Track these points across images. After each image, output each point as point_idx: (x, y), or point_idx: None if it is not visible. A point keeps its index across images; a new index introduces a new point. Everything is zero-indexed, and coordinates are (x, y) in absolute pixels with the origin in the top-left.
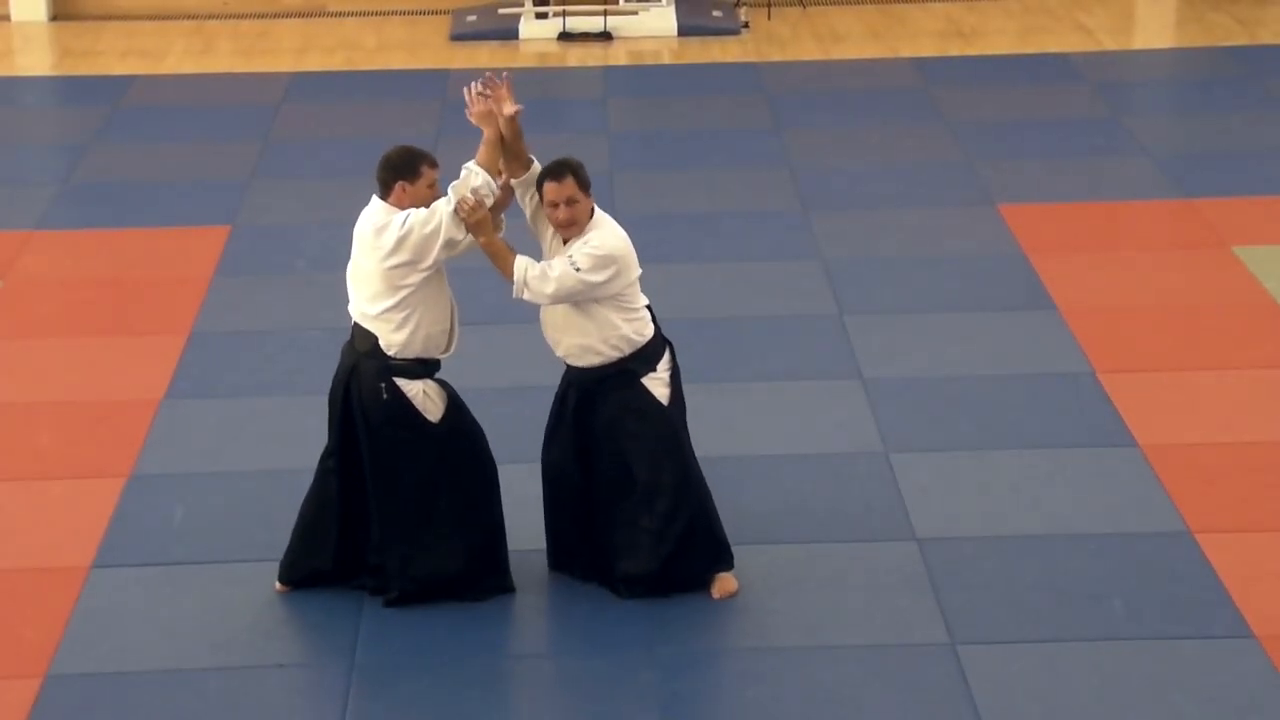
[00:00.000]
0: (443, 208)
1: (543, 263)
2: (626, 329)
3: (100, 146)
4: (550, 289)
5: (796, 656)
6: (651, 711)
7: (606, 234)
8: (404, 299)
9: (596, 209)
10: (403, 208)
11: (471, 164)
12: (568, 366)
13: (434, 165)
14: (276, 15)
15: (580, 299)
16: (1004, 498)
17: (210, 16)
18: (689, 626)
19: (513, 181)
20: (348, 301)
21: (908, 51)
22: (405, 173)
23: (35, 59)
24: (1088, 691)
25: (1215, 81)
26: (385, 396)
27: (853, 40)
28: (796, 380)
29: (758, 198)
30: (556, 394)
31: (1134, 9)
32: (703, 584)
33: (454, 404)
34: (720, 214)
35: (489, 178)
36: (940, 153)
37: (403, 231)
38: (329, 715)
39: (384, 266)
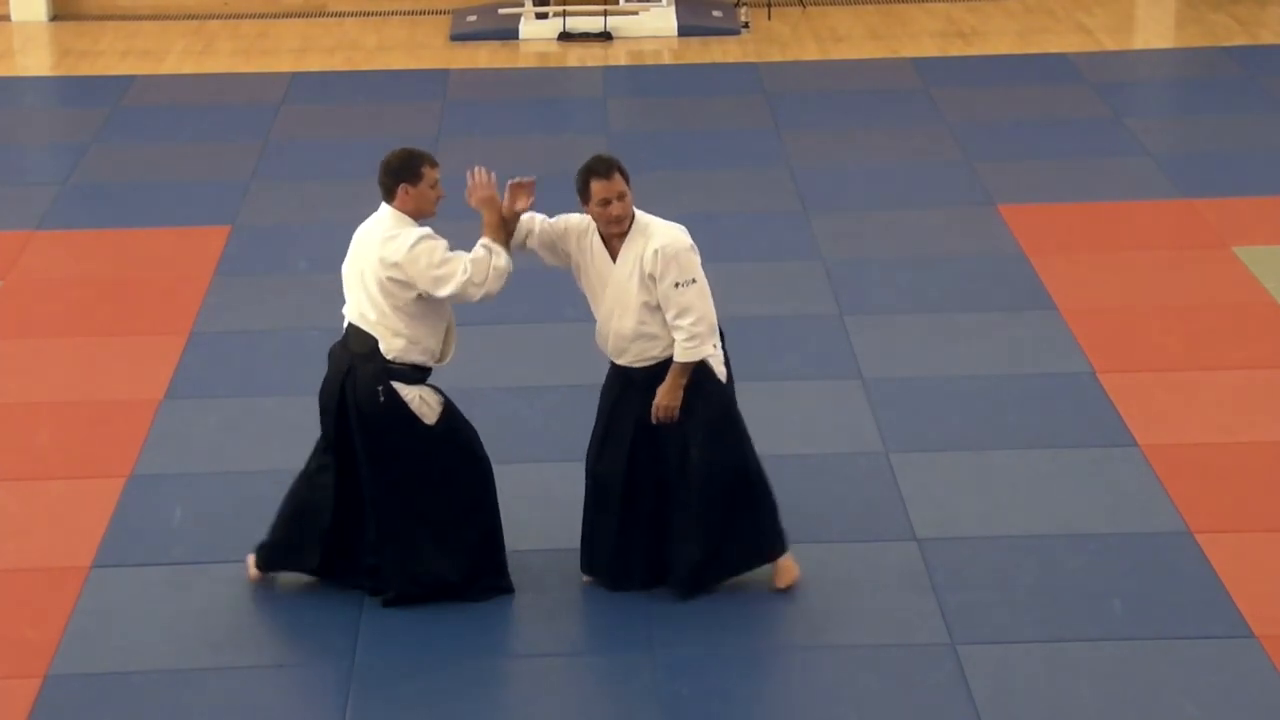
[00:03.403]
0: (460, 276)
1: (676, 316)
2: None
3: (100, 146)
4: (707, 323)
5: (797, 656)
6: (652, 712)
7: (666, 234)
8: (401, 308)
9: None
10: (408, 211)
11: (492, 244)
12: (621, 369)
13: (434, 165)
14: (276, 15)
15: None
16: (1004, 498)
17: (210, 16)
18: (689, 626)
19: (513, 244)
20: (344, 302)
21: (908, 51)
22: (406, 175)
23: (35, 59)
24: (1088, 691)
25: (1215, 81)
26: (382, 400)
27: (853, 40)
28: (796, 380)
29: (758, 198)
30: (605, 402)
31: (1134, 9)
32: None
33: (448, 407)
34: (720, 214)
35: (508, 257)
36: (940, 153)
37: (410, 254)
38: (329, 715)
39: (384, 276)
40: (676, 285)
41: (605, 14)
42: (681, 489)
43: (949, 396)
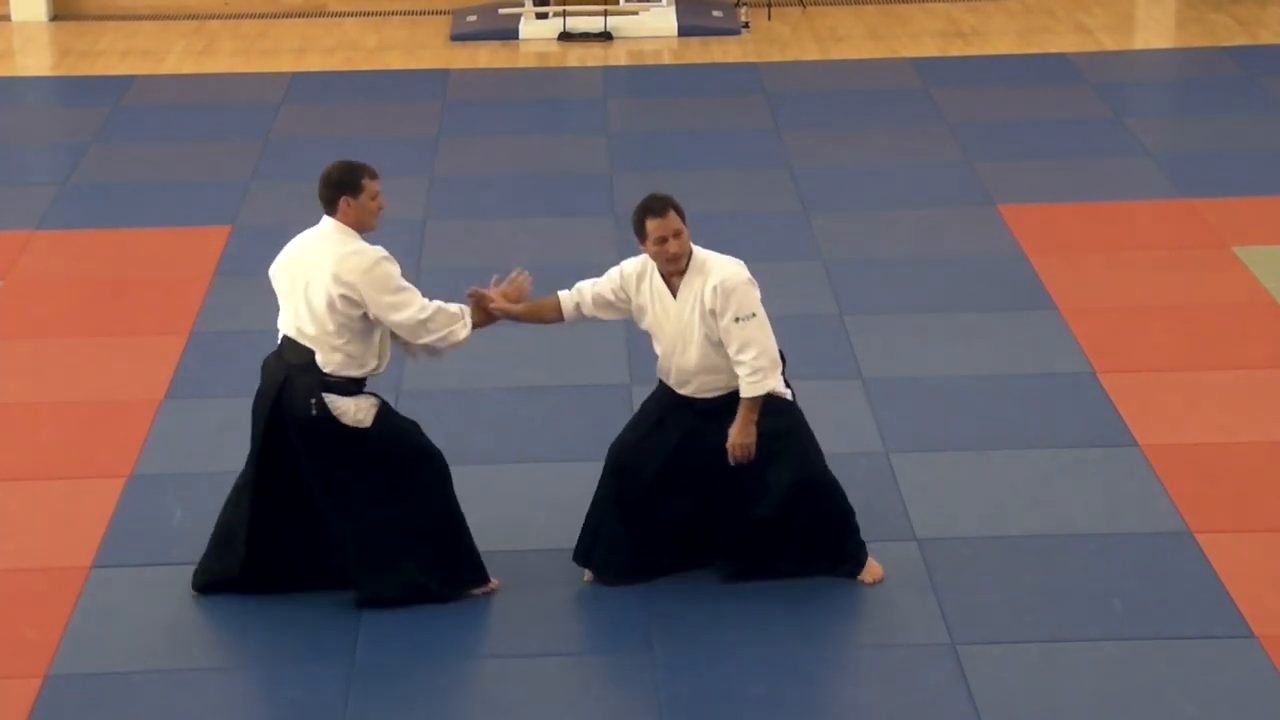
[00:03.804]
0: (418, 311)
1: (738, 351)
2: None
3: (100, 146)
4: (769, 356)
5: (797, 656)
6: (651, 712)
7: (724, 269)
8: (346, 325)
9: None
10: (350, 223)
11: (469, 318)
12: (680, 396)
13: (374, 176)
14: (276, 15)
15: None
16: (1004, 498)
17: (210, 16)
18: (689, 626)
19: (567, 320)
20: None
21: (908, 51)
22: (347, 188)
23: (35, 59)
24: (1088, 691)
25: (1215, 81)
26: (315, 412)
27: (853, 40)
28: (797, 380)
29: (758, 198)
30: (655, 403)
31: (1134, 9)
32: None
33: (383, 409)
34: (720, 214)
35: (468, 337)
36: (940, 153)
37: (368, 276)
38: (329, 715)
39: (336, 293)
40: (737, 320)
41: (605, 14)
42: (751, 514)
43: (949, 396)
